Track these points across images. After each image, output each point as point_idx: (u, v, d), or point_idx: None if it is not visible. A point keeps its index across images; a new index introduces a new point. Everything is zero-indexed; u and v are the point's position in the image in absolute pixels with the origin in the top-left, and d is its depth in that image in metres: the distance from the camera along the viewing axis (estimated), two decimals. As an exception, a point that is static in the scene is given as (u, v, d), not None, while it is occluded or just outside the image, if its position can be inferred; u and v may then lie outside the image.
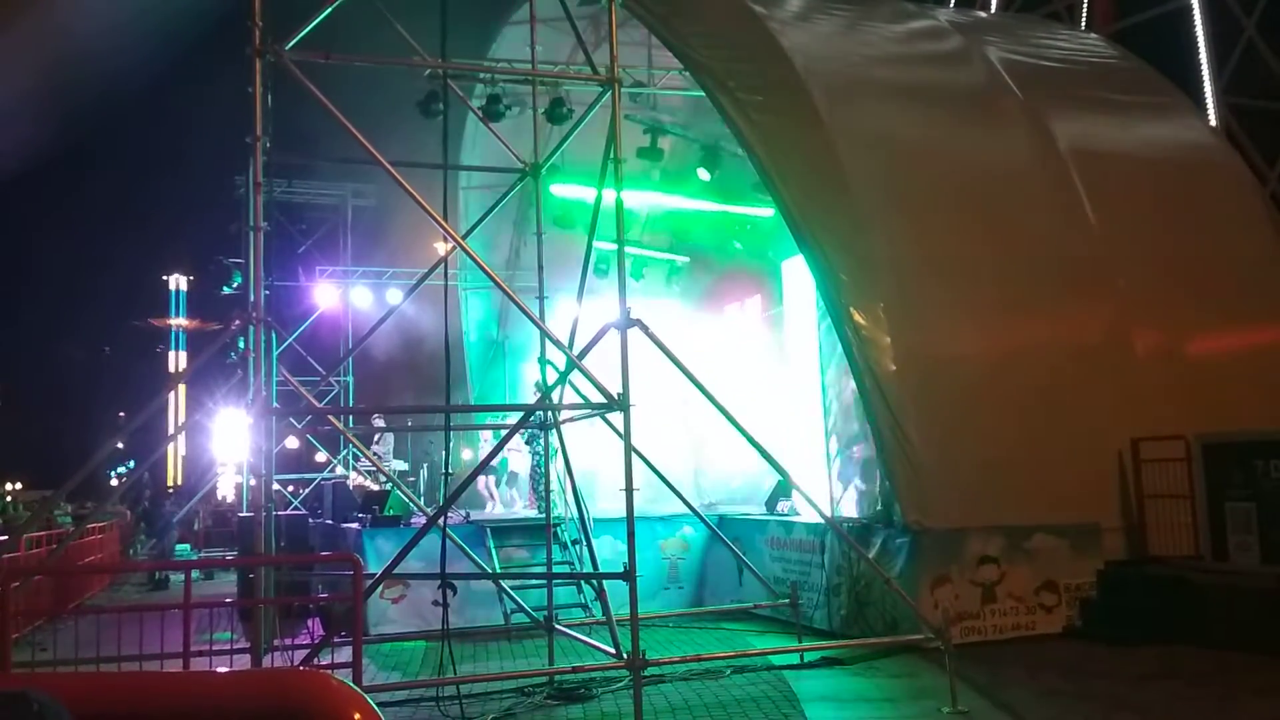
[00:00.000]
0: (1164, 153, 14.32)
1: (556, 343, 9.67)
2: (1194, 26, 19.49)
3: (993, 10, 22.56)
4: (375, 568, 10.05)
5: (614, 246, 9.00)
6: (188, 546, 25.69)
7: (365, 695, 2.50)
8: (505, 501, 17.25)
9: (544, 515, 11.35)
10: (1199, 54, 19.36)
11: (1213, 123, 18.66)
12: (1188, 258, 12.97)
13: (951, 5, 22.15)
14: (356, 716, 2.44)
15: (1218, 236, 13.45)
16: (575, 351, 9.41)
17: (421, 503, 13.53)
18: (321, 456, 25.18)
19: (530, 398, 15.42)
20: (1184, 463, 10.98)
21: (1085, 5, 21.60)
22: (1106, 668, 9.11)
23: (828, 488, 12.39)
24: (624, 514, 8.51)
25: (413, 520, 13.37)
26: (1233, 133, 18.95)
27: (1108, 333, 12.17)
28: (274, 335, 8.82)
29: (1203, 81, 19.24)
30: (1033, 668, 9.25)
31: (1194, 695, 8.12)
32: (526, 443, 14.79)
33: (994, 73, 14.00)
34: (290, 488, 23.59)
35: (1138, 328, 12.34)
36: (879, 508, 11.23)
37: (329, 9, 8.77)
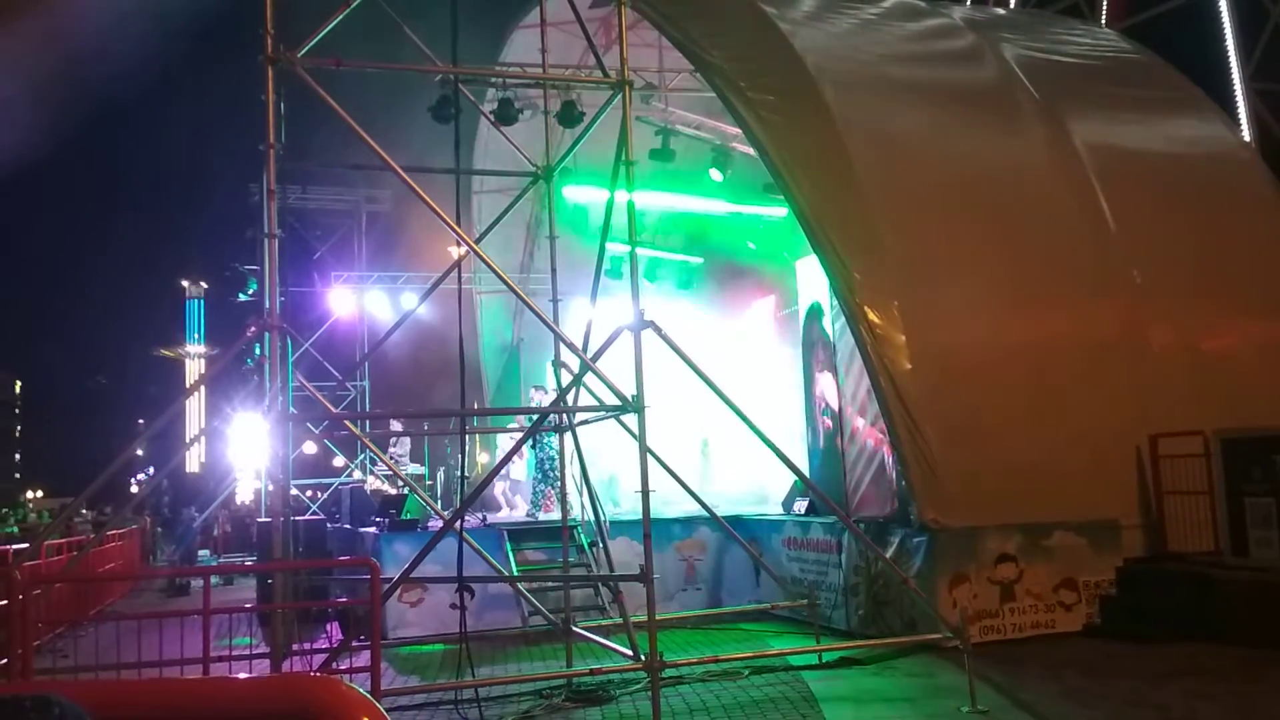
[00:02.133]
0: (1180, 148, 14.23)
1: (570, 345, 9.68)
2: (1219, 13, 19.30)
3: (1011, 6, 22.42)
4: (393, 571, 10.07)
5: (627, 248, 9.02)
6: (207, 552, 25.85)
7: (374, 700, 2.52)
8: (510, 505, 17.24)
9: (561, 518, 11.36)
10: (1225, 41, 19.18)
11: (1241, 110, 18.52)
12: (1204, 253, 12.88)
13: (968, 3, 22.05)
14: None
15: (1234, 231, 13.36)
16: (589, 354, 9.43)
17: (439, 506, 13.57)
18: (339, 461, 25.30)
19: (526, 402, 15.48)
20: (1203, 458, 10.91)
21: (1105, -1, 21.44)
22: (1127, 666, 9.05)
23: (844, 487, 12.36)
24: (640, 515, 8.52)
25: (430, 524, 13.41)
26: (1262, 119, 18.79)
27: (1125, 329, 12.11)
28: (290, 341, 8.85)
29: (1230, 69, 19.06)
30: (1052, 666, 9.21)
31: (1215, 692, 8.06)
32: (531, 446, 14.85)
33: (1008, 70, 13.95)
34: (308, 493, 23.70)
35: (1155, 324, 12.27)
36: (896, 506, 11.20)
37: (340, 15, 8.82)
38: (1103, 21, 20.65)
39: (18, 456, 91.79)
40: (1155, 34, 18.07)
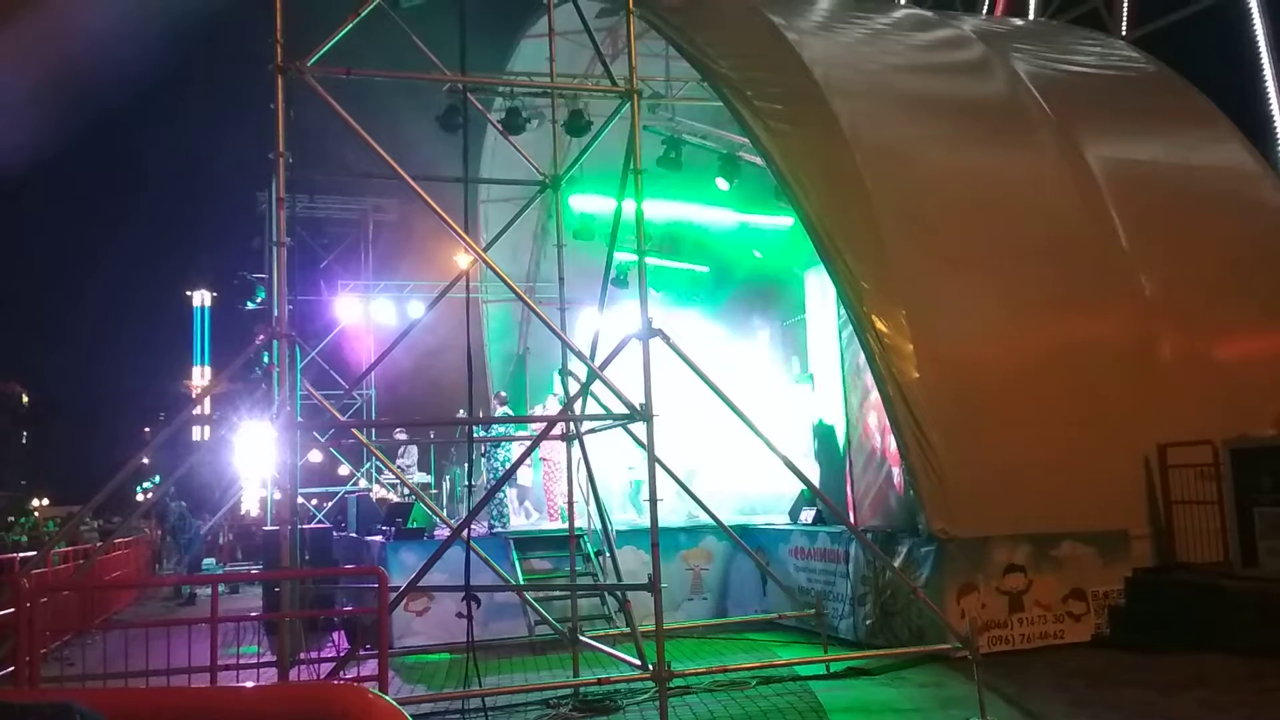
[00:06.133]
0: (1191, 160, 14.17)
1: (578, 354, 9.68)
2: (1250, 12, 19.18)
3: (1030, 15, 22.38)
4: (399, 580, 10.06)
5: (634, 257, 9.01)
6: (213, 560, 25.86)
7: (401, 709, 2.51)
8: (520, 513, 17.21)
9: (567, 527, 11.34)
10: (1257, 39, 19.07)
11: (1274, 107, 18.44)
12: (1214, 264, 12.85)
13: (983, 13, 22.02)
14: None
15: (1244, 242, 13.32)
16: (597, 362, 9.42)
17: (444, 515, 13.55)
18: (344, 470, 25.32)
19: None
20: (1212, 468, 10.88)
21: (1125, 3, 21.35)
22: (1136, 676, 9.01)
23: (851, 496, 12.33)
24: (647, 524, 8.50)
25: (436, 533, 13.40)
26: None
27: (1134, 339, 12.08)
28: (298, 349, 8.86)
29: (1262, 66, 18.95)
30: (1061, 677, 9.17)
31: (1225, 703, 8.02)
32: (481, 455, 14.84)
33: (1018, 82, 13.95)
34: (313, 501, 23.71)
35: (1164, 333, 12.25)
36: (904, 516, 11.17)
37: (350, 24, 8.84)
38: (1123, 28, 20.58)
39: (25, 465, 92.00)
40: (1178, 38, 18.02)
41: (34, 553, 14.56)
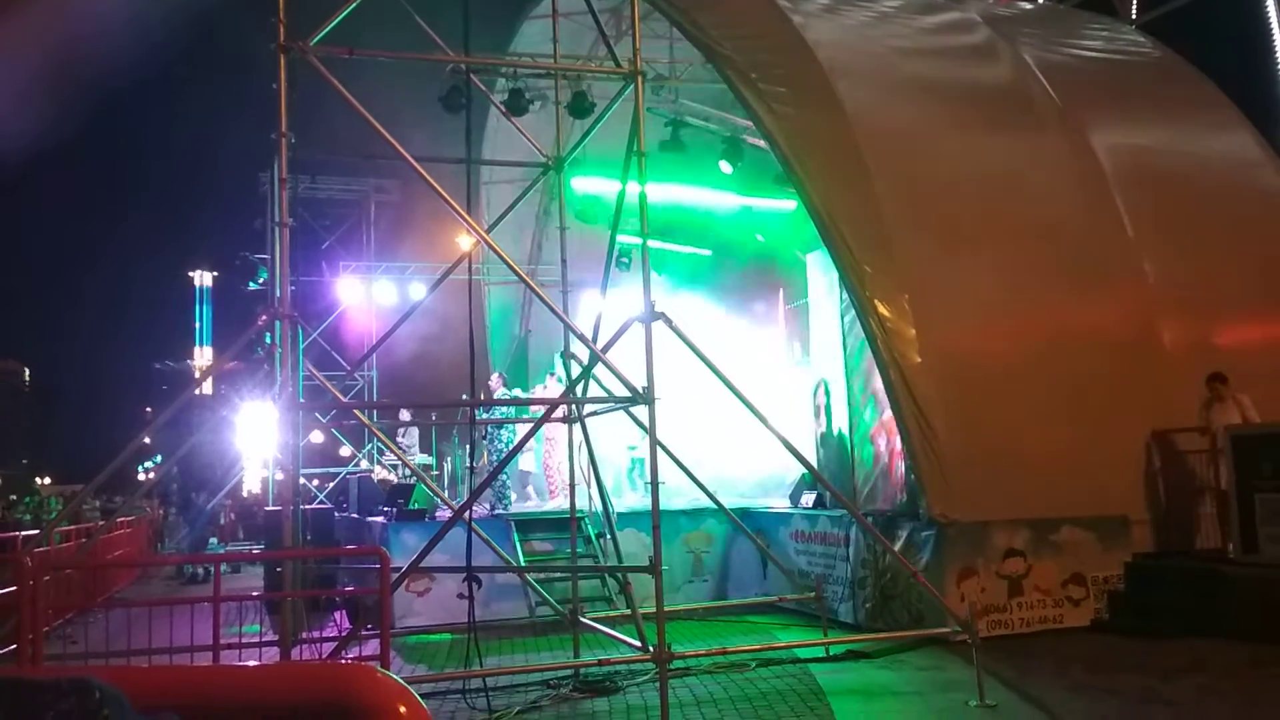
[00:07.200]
0: (1196, 148, 14.13)
1: (580, 336, 9.67)
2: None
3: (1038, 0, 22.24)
4: (400, 561, 10.08)
5: (636, 240, 8.99)
6: (214, 540, 25.94)
7: (410, 688, 2.52)
8: (522, 496, 17.27)
9: (569, 509, 11.36)
10: (1270, 26, 18.90)
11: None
12: (1218, 251, 12.83)
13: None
14: (401, 709, 2.47)
15: (1249, 231, 13.29)
16: (599, 345, 9.41)
17: (446, 496, 13.58)
18: (346, 451, 25.35)
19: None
20: (1212, 454, 10.89)
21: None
22: (1135, 661, 9.04)
23: (852, 480, 12.34)
24: (648, 507, 8.52)
25: (437, 514, 13.42)
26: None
27: (1136, 324, 12.08)
28: (299, 330, 8.85)
29: (1274, 54, 18.82)
30: (1060, 661, 9.19)
31: (1224, 689, 8.05)
32: (482, 438, 14.86)
33: (1024, 67, 13.89)
34: (314, 482, 23.74)
35: (1166, 319, 12.23)
36: (904, 500, 11.19)
37: (353, 4, 8.80)
38: (1132, 12, 20.47)
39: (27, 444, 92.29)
40: (1189, 23, 17.89)
41: (36, 531, 14.60)
